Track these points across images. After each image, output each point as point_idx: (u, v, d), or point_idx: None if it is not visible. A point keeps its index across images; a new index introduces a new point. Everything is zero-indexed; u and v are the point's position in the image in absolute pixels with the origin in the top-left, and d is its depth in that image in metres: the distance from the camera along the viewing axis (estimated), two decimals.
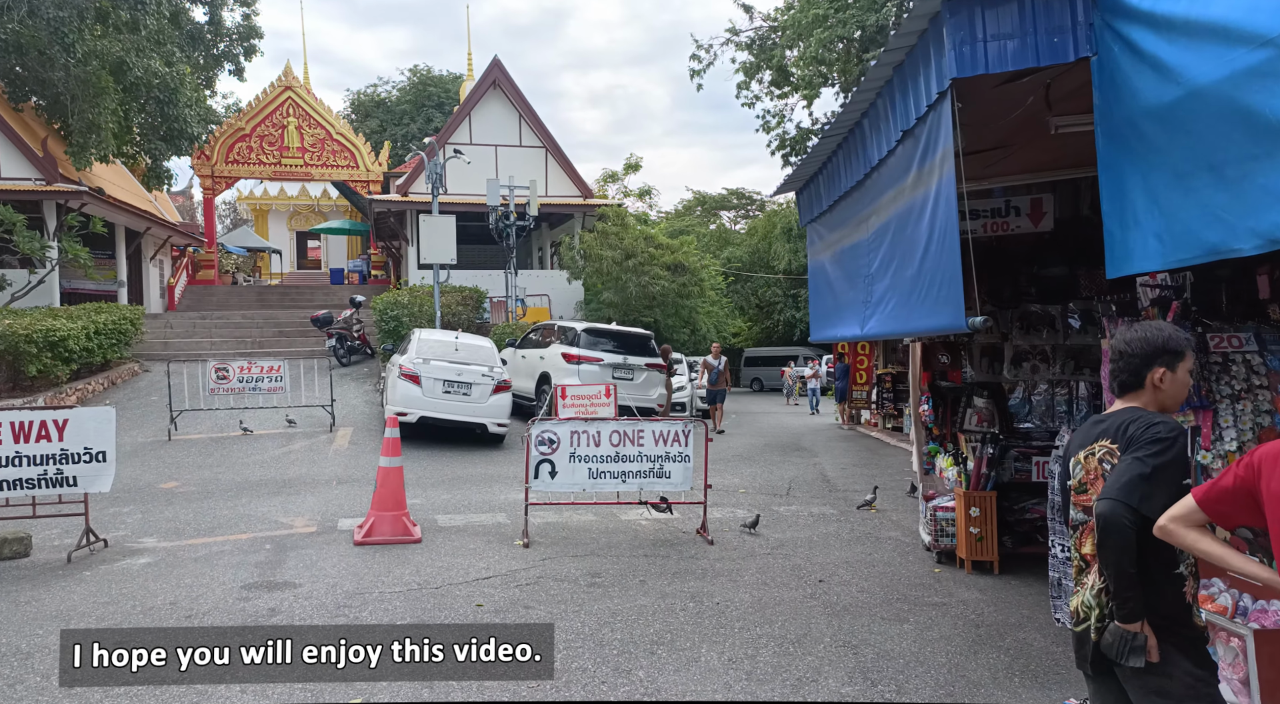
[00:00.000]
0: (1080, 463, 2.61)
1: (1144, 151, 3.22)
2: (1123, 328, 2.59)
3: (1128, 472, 2.36)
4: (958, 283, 3.76)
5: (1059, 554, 4.64)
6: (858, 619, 5.67)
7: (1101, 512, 2.35)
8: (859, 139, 5.32)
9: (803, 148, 17.48)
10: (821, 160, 6.35)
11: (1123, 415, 2.52)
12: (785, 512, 9.24)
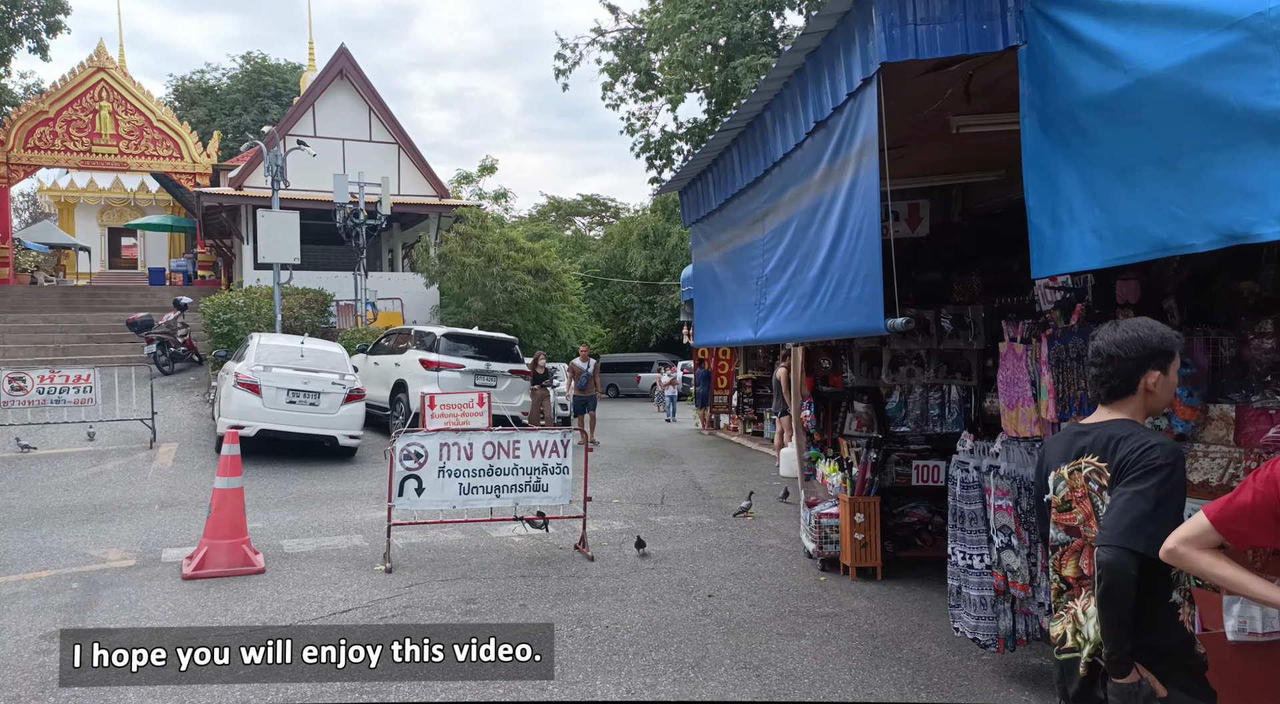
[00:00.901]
0: (1064, 479, 2.38)
1: (1081, 145, 3.08)
2: (1107, 328, 2.39)
3: (1128, 510, 2.11)
4: (876, 283, 3.54)
5: (959, 562, 4.54)
6: (754, 636, 5.40)
7: (1106, 561, 2.10)
8: (759, 133, 5.07)
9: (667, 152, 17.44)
10: (712, 157, 6.09)
11: (1111, 429, 2.30)
12: (663, 522, 8.94)
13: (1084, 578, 2.33)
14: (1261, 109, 2.35)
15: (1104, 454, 2.26)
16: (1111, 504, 2.18)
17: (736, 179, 5.65)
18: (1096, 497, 2.28)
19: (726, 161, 5.81)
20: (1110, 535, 2.12)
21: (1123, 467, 2.19)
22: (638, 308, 36.96)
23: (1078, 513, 2.33)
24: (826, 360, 7.32)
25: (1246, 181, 2.47)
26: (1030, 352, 4.33)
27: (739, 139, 5.45)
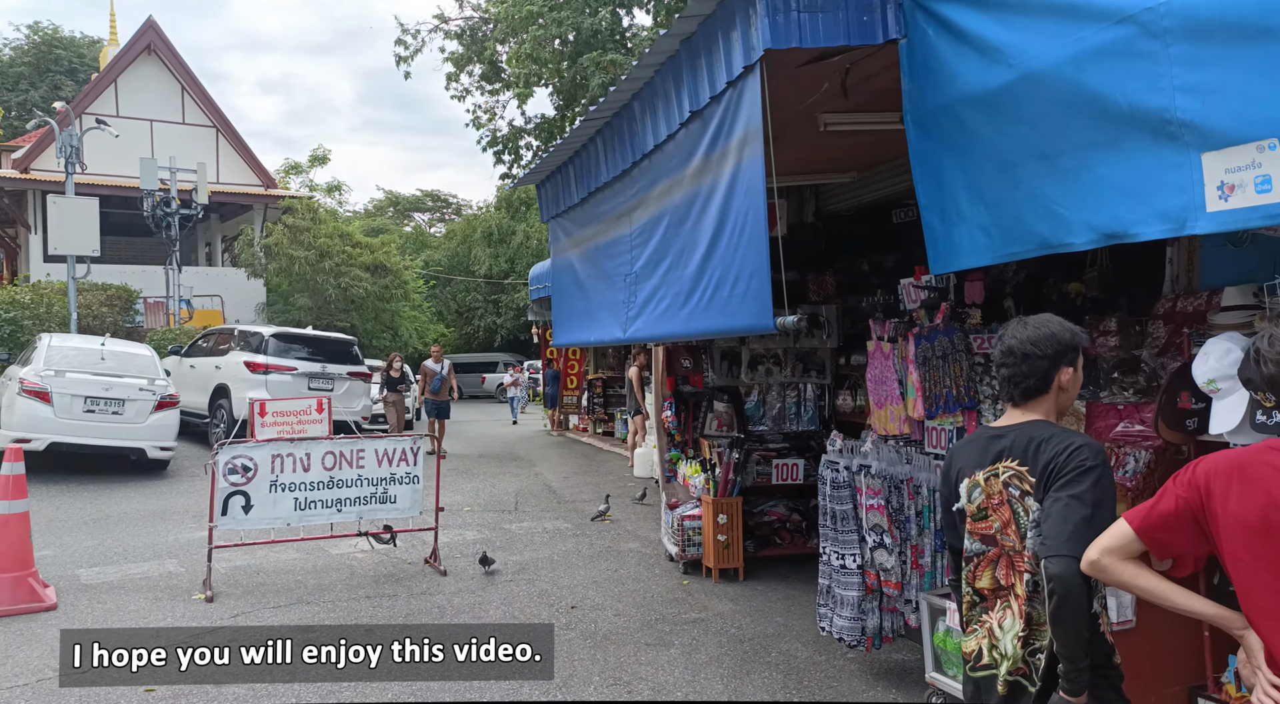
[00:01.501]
0: (980, 485, 2.28)
1: (965, 141, 3.06)
2: (1016, 327, 2.31)
3: (1068, 517, 2.02)
4: (764, 280, 3.40)
5: (833, 562, 4.51)
6: (622, 649, 5.19)
7: (1056, 573, 1.99)
8: (627, 123, 4.86)
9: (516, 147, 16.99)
10: (574, 149, 5.82)
11: (1029, 431, 2.21)
12: (518, 529, 8.59)
13: (1000, 589, 2.25)
14: (1148, 106, 2.35)
15: (1025, 457, 2.18)
16: (1048, 512, 2.09)
17: (601, 172, 5.42)
18: (1017, 503, 2.20)
19: (590, 153, 5.57)
20: (1056, 545, 2.02)
21: (1051, 471, 2.10)
22: (482, 307, 36.13)
23: (995, 520, 2.25)
24: (687, 360, 7.23)
25: (1129, 180, 2.48)
26: (897, 350, 4.36)
27: (604, 130, 5.22)
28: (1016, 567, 2.22)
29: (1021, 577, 2.20)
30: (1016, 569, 2.22)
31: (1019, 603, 2.20)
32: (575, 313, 6.31)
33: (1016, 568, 2.22)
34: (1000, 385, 2.34)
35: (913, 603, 4.27)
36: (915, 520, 4.25)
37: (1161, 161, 2.35)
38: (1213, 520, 1.70)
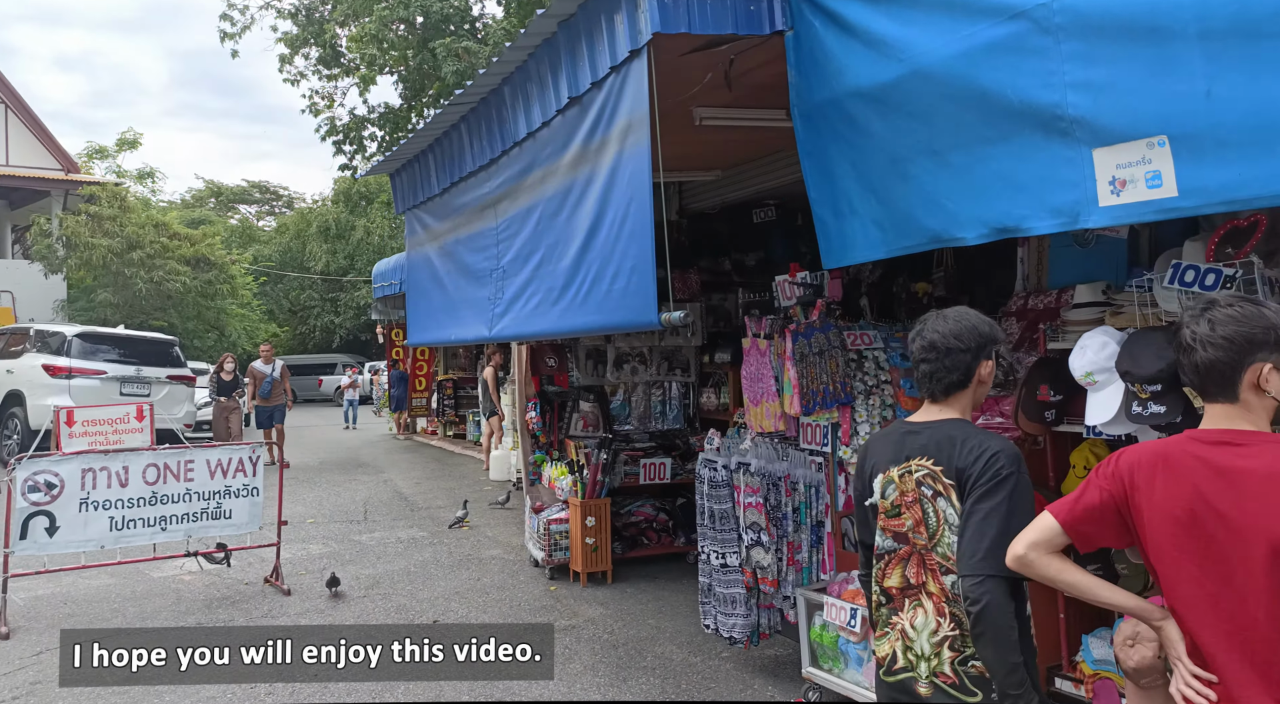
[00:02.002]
0: (893, 482, 2.22)
1: (854, 136, 3.04)
2: (935, 321, 2.27)
3: (984, 531, 1.97)
4: (647, 275, 3.27)
5: (712, 561, 4.45)
6: None
7: (973, 595, 1.95)
8: (496, 109, 4.60)
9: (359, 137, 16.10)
10: (435, 136, 5.49)
11: (945, 429, 2.17)
12: (369, 541, 8.09)
13: (909, 588, 2.21)
14: (1039, 102, 2.39)
15: (939, 457, 2.14)
16: (964, 526, 2.04)
17: (466, 160, 5.12)
18: (928, 503, 2.16)
19: (454, 141, 5.25)
20: (972, 564, 1.98)
21: (966, 479, 2.06)
22: (319, 305, 34.31)
23: (907, 518, 2.20)
24: (552, 359, 7.02)
25: (1019, 175, 2.51)
26: (773, 347, 4.35)
27: (470, 116, 4.93)
28: (927, 564, 2.18)
29: (934, 574, 2.16)
30: (927, 567, 2.18)
31: (934, 601, 2.16)
32: (434, 310, 5.97)
33: (927, 566, 2.18)
34: (919, 381, 2.29)
35: (790, 599, 4.27)
36: (792, 517, 4.26)
37: (1053, 157, 2.39)
38: (1136, 512, 1.70)
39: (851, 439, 4.22)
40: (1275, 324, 1.62)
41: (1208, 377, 1.64)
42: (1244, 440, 1.60)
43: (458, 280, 5.51)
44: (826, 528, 4.29)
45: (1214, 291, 2.51)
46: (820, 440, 4.28)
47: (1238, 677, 1.55)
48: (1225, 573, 1.57)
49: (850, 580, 4.07)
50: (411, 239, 6.47)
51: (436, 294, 5.94)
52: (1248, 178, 1.93)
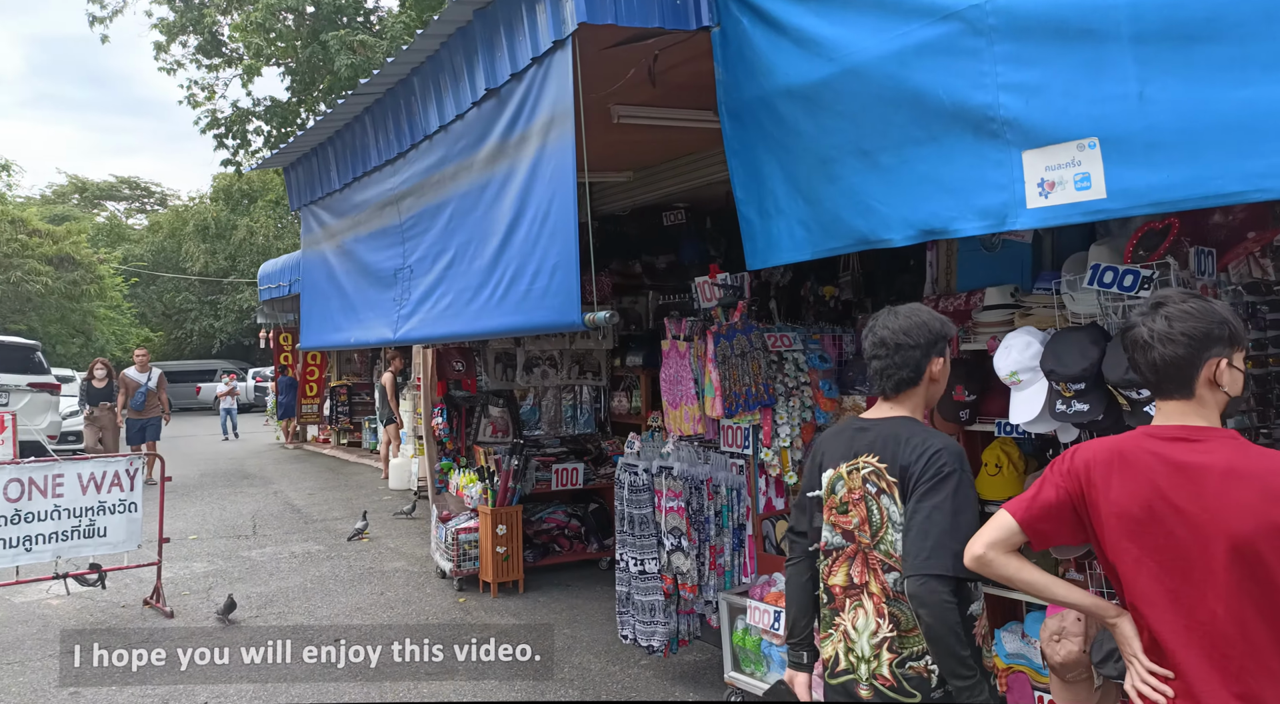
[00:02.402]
0: (843, 479, 2.19)
1: (782, 135, 3.00)
2: (887, 317, 2.26)
3: (928, 531, 1.96)
4: (570, 274, 3.15)
5: (631, 568, 4.36)
6: (399, 683, 4.70)
7: (917, 594, 1.94)
8: (404, 101, 4.38)
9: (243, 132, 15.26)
10: (336, 128, 5.20)
11: (893, 427, 2.15)
12: (260, 556, 7.63)
13: (851, 588, 2.18)
14: (970, 103, 2.40)
15: (885, 454, 2.12)
16: (908, 525, 2.03)
17: (370, 154, 4.87)
18: (873, 500, 2.13)
19: (357, 133, 4.99)
20: (916, 563, 1.97)
21: (909, 476, 2.04)
22: (196, 308, 32.54)
23: (854, 516, 2.17)
24: (459, 362, 6.79)
25: (948, 177, 2.52)
26: (693, 349, 4.30)
27: (376, 107, 4.68)
28: (870, 564, 2.15)
29: (876, 574, 2.14)
30: (870, 566, 2.16)
31: (875, 602, 2.14)
32: (331, 312, 5.66)
33: (870, 564, 2.16)
34: (871, 378, 2.27)
35: (712, 604, 4.22)
36: (714, 520, 4.21)
37: (982, 159, 2.40)
38: (1093, 509, 1.70)
39: (773, 441, 4.21)
40: (1228, 318, 1.65)
41: (1165, 373, 1.66)
42: (1200, 436, 1.62)
43: (358, 280, 5.24)
44: (748, 531, 4.26)
45: (1132, 292, 2.59)
46: (741, 443, 4.25)
47: (1197, 672, 1.56)
48: (1184, 569, 1.58)
49: (772, 583, 4.06)
50: (307, 237, 6.13)
51: (334, 295, 5.64)
52: (1177, 181, 1.97)
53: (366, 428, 15.67)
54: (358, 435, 16.28)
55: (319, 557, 7.57)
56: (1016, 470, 3.65)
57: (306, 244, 6.17)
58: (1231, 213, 3.47)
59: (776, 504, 4.34)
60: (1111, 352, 2.53)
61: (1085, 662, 2.59)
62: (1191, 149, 1.94)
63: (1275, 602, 1.51)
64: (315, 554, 7.67)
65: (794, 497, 4.39)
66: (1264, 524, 1.49)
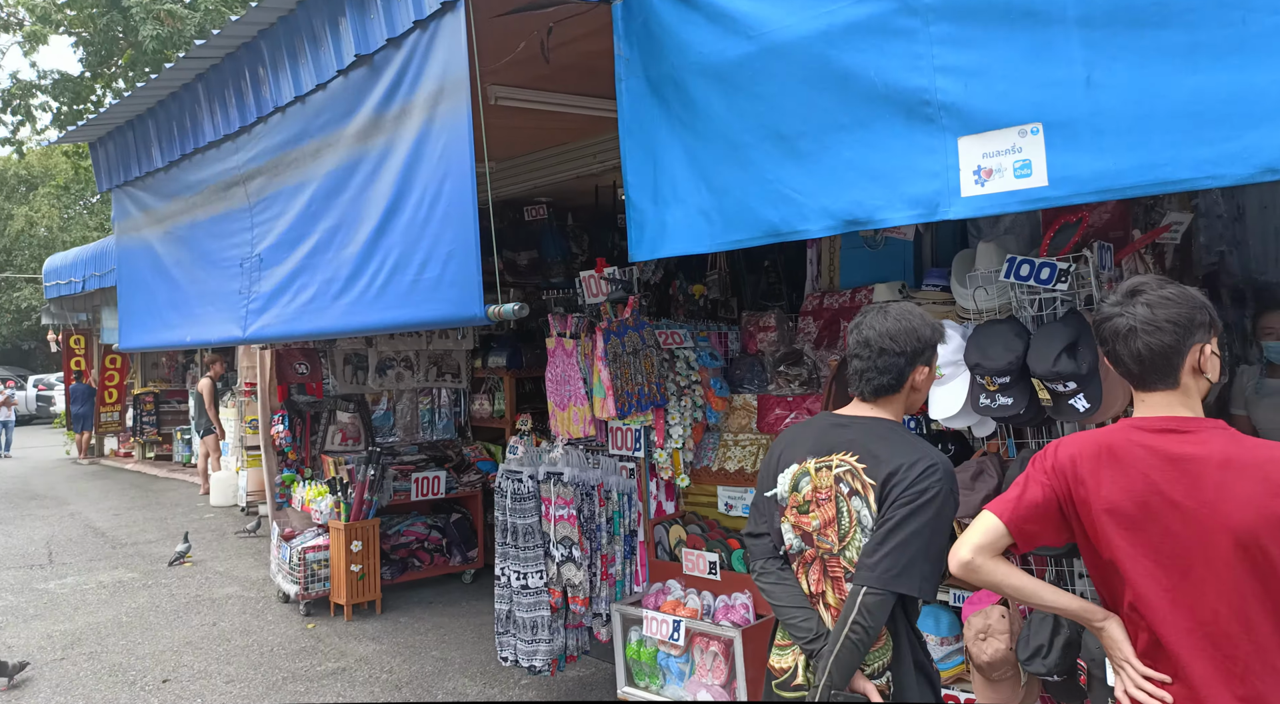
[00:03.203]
0: (809, 474, 2.02)
1: (688, 117, 2.82)
2: (875, 317, 2.07)
3: (903, 548, 1.86)
4: (470, 261, 2.84)
5: (512, 583, 4.06)
6: None
7: (871, 606, 1.87)
8: (248, 68, 3.87)
9: (25, 106, 13.43)
10: (158, 98, 4.57)
11: (876, 429, 2.00)
12: (60, 588, 6.66)
13: (810, 597, 2.04)
14: (903, 87, 2.32)
15: (865, 455, 1.97)
16: (881, 537, 1.89)
17: (204, 128, 4.29)
18: (844, 500, 1.99)
19: (186, 104, 4.38)
20: (883, 577, 1.86)
21: (893, 484, 1.90)
22: None
23: (815, 517, 2.02)
24: (303, 365, 6.20)
25: (876, 164, 2.43)
26: (580, 348, 4.06)
27: (212, 74, 4.12)
28: (830, 571, 2.02)
29: (836, 583, 2.00)
30: (830, 575, 2.02)
31: (832, 615, 2.01)
32: (158, 307, 4.98)
33: (830, 573, 2.02)
34: (850, 377, 2.10)
35: (602, 616, 4.00)
36: (606, 527, 3.99)
37: (913, 145, 2.33)
38: (1082, 506, 1.63)
39: (665, 442, 4.05)
40: (1205, 303, 1.62)
41: (1150, 363, 1.60)
42: (1190, 427, 1.57)
43: (194, 272, 4.64)
44: (639, 537, 4.07)
45: (1049, 284, 2.61)
46: (632, 445, 4.06)
47: (1201, 673, 1.50)
48: (1183, 567, 1.53)
49: (666, 591, 3.89)
50: (123, 222, 5.38)
51: (161, 288, 4.97)
52: (1125, 167, 1.96)
53: (179, 439, 14.29)
54: (167, 448, 14.83)
55: (134, 586, 6.70)
56: None
57: (122, 230, 5.41)
58: (1103, 209, 3.66)
59: (667, 508, 4.19)
60: (1035, 344, 2.54)
61: (1011, 659, 2.59)
62: (1140, 135, 1.93)
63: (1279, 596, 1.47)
64: (129, 583, 6.78)
65: (684, 499, 4.25)
66: (1266, 516, 1.45)
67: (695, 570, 3.81)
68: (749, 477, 3.99)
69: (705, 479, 4.15)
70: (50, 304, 15.75)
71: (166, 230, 4.92)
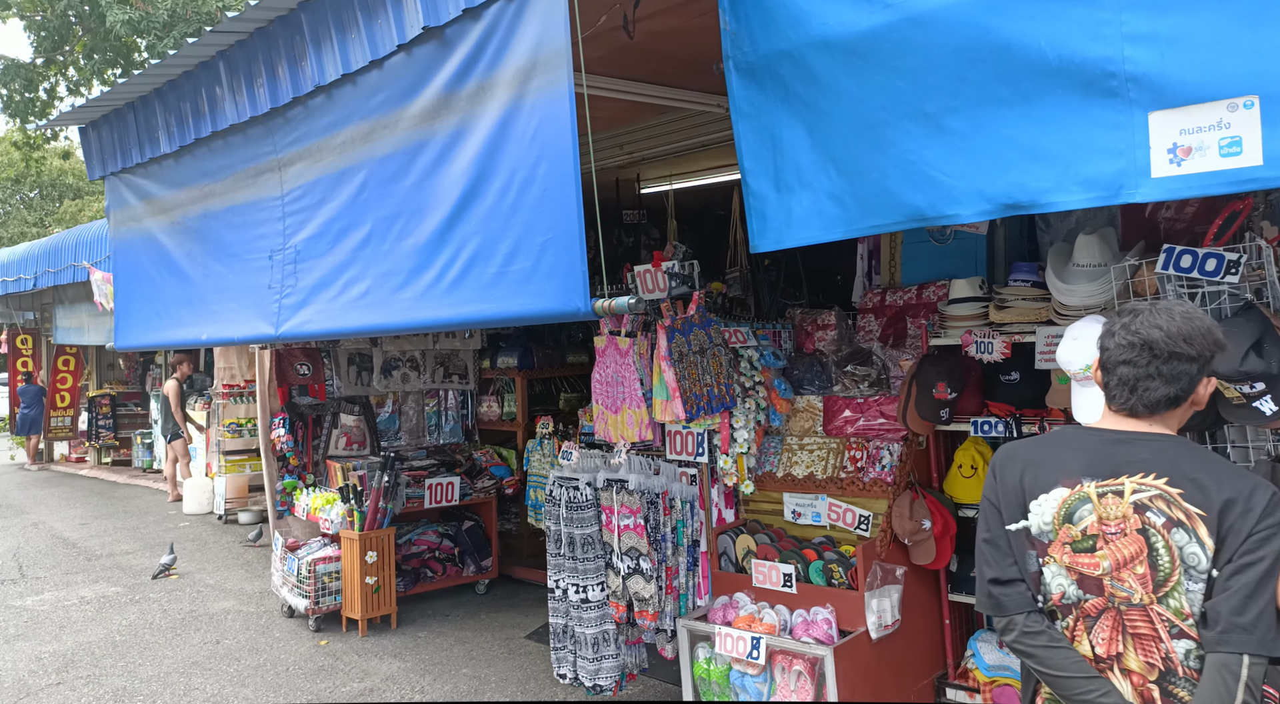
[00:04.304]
0: (1090, 502, 1.70)
1: (813, 95, 2.61)
2: (1153, 314, 1.75)
3: (1273, 601, 1.53)
4: (573, 249, 2.57)
5: (571, 597, 3.81)
6: None
7: (1257, 679, 1.51)
8: (282, 43, 3.54)
9: None
10: (170, 77, 4.20)
11: (1175, 446, 1.69)
12: (40, 605, 6.20)
13: (1099, 662, 1.69)
14: (1082, 57, 2.13)
15: (1178, 479, 1.64)
16: (1250, 587, 1.54)
17: (225, 109, 3.93)
18: (1157, 534, 1.63)
19: (203, 83, 4.00)
20: (1263, 639, 1.51)
21: (1235, 520, 1.57)
22: None
23: (1106, 557, 1.68)
24: (305, 365, 5.84)
25: (1042, 142, 2.24)
26: (636, 347, 3.82)
27: (238, 50, 3.77)
28: (1132, 627, 1.66)
29: (1141, 642, 1.65)
30: (1131, 631, 1.66)
31: (1135, 684, 1.65)
32: (166, 303, 4.59)
33: (1132, 630, 1.66)
34: (1114, 387, 1.78)
35: (665, 632, 3.76)
36: (671, 537, 3.75)
37: (1091, 121, 2.14)
38: None
39: (730, 447, 3.83)
40: None
41: None
42: None
43: (210, 265, 4.28)
44: (701, 547, 3.85)
45: (1216, 276, 2.45)
46: (694, 450, 3.83)
47: None
48: None
49: (734, 605, 3.67)
50: (121, 212, 4.97)
51: (168, 283, 4.59)
52: None
53: (138, 444, 13.64)
54: (125, 453, 14.17)
55: (120, 601, 6.26)
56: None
57: (119, 221, 5.00)
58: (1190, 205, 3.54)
59: (727, 516, 3.97)
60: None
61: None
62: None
63: None
64: (114, 598, 6.34)
65: (745, 506, 4.04)
66: None
67: (767, 583, 3.60)
68: (819, 483, 3.79)
69: (769, 485, 3.94)
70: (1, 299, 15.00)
71: (174, 221, 4.55)
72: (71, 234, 12.29)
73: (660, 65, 4.03)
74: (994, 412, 3.47)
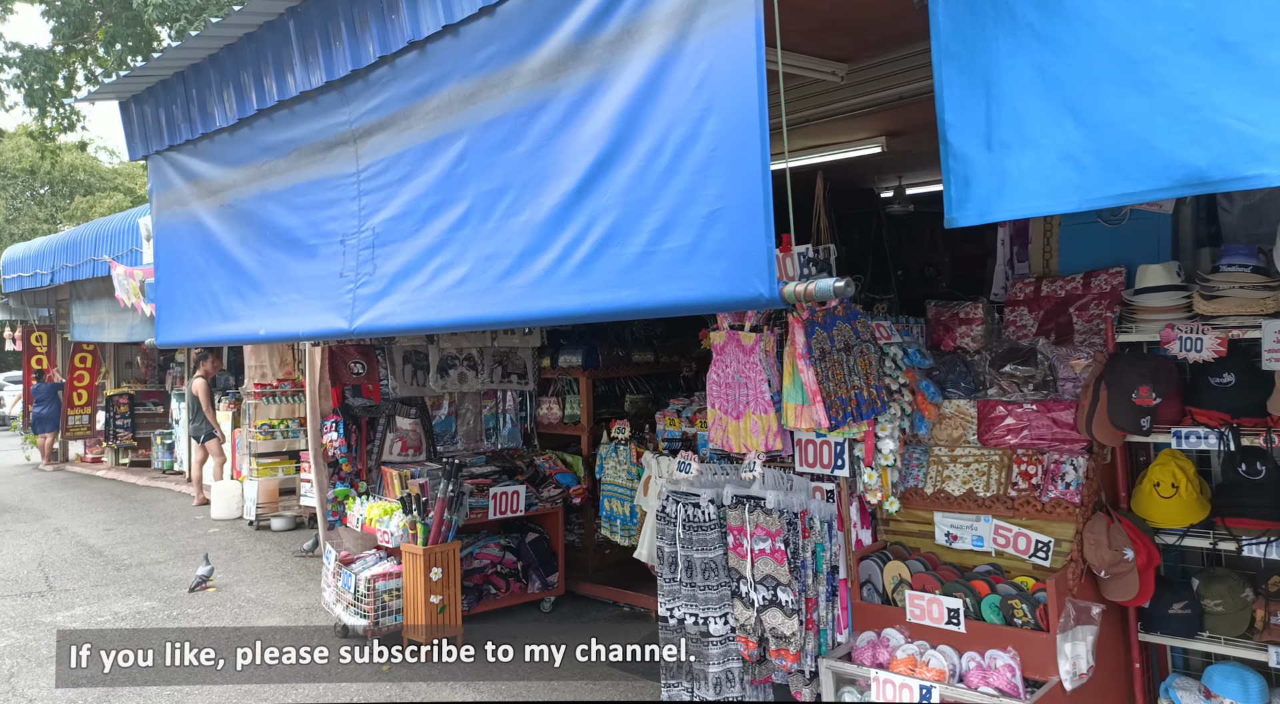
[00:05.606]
0: None
1: (1048, 25, 2.10)
2: None
3: None
4: (755, 221, 2.09)
5: (689, 628, 3.32)
6: None
7: None
8: None
9: None
10: (225, 43, 3.72)
11: None
12: (71, 621, 5.74)
13: None
14: None
15: None
16: None
17: (293, 75, 3.45)
18: None
19: (267, 46, 3.53)
20: None
21: None
22: None
23: None
24: (359, 363, 5.36)
25: None
26: (762, 343, 3.32)
27: (310, 8, 3.29)
28: None
29: None
30: None
31: None
32: (214, 294, 4.13)
33: None
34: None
35: (804, 673, 3.27)
36: (811, 563, 3.26)
37: None
38: None
39: (874, 458, 3.33)
40: None
41: None
42: None
43: (267, 253, 3.81)
44: (841, 574, 3.35)
45: None
46: (830, 462, 3.34)
47: None
48: None
49: (884, 642, 3.17)
50: (164, 195, 4.50)
51: (217, 272, 4.12)
52: None
53: (157, 444, 13.20)
54: (144, 453, 13.73)
55: (156, 616, 5.80)
56: (1195, 490, 3.01)
57: (163, 205, 4.53)
58: None
59: (864, 538, 3.47)
60: None
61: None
62: None
63: None
64: (149, 613, 5.88)
65: (884, 527, 3.53)
66: None
67: (926, 619, 3.10)
68: (982, 501, 3.28)
69: (915, 503, 3.44)
70: (9, 298, 14.64)
71: (225, 203, 4.07)
72: (91, 227, 11.86)
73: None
74: (1201, 420, 2.96)
